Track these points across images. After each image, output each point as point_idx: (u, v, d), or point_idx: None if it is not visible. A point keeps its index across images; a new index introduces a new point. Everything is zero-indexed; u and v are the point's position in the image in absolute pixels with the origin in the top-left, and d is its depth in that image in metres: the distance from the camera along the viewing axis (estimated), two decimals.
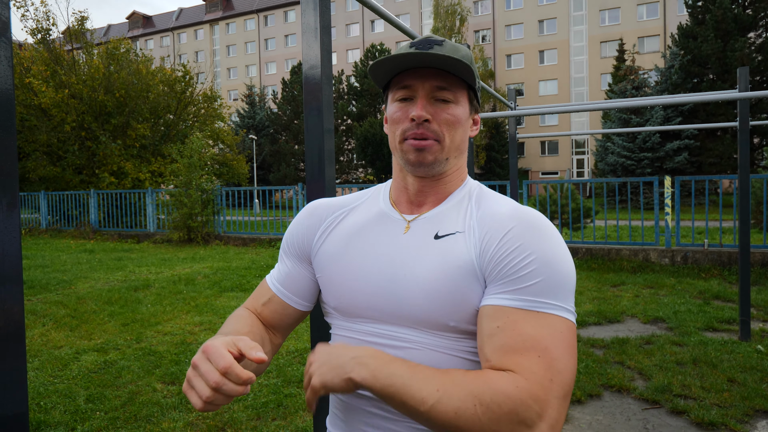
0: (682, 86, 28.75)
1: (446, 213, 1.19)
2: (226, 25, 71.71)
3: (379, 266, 1.17)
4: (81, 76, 22.03)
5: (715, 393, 4.17)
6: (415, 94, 1.16)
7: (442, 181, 1.22)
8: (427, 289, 1.09)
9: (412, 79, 1.16)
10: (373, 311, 1.16)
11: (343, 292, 1.21)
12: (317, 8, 1.84)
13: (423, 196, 1.22)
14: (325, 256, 1.25)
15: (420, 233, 1.17)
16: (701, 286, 8.08)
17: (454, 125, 1.17)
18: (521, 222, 1.08)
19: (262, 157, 46.15)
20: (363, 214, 1.27)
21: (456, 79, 1.17)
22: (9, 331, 0.87)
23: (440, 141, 1.16)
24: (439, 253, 1.12)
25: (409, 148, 1.15)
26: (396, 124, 1.19)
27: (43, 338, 6.06)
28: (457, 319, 1.08)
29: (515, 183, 6.60)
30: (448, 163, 1.20)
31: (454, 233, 1.14)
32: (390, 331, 1.14)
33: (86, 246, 15.44)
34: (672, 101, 4.39)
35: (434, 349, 1.10)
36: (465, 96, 1.20)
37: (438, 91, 1.15)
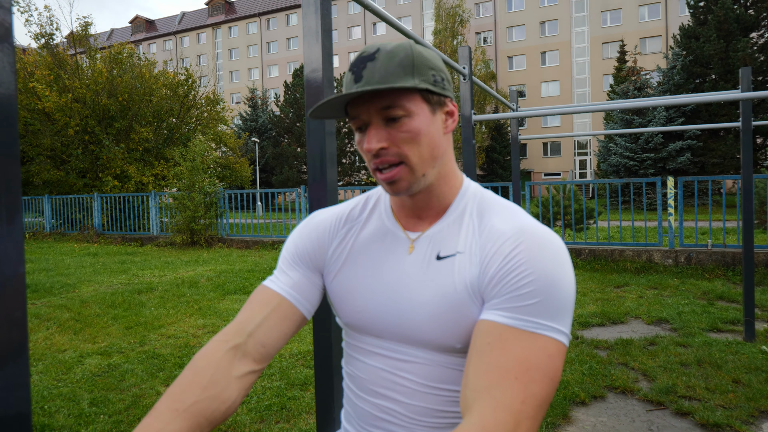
0: (684, 87, 28.73)
1: (446, 230, 1.15)
2: (229, 28, 71.88)
3: (383, 288, 1.16)
4: (84, 81, 22.09)
5: (720, 394, 4.16)
6: (366, 121, 1.10)
7: (433, 193, 1.16)
8: (430, 313, 1.09)
9: (358, 108, 1.10)
10: (378, 330, 1.17)
11: (351, 310, 1.21)
12: (318, 11, 1.85)
13: (420, 210, 1.19)
14: (338, 278, 1.23)
15: (422, 253, 1.15)
16: (705, 287, 8.06)
17: (416, 139, 1.08)
18: (525, 240, 1.03)
19: (265, 159, 46.20)
20: (369, 232, 1.24)
21: (399, 93, 1.08)
22: (12, 335, 0.87)
23: (406, 162, 1.09)
24: (440, 276, 1.10)
25: (382, 181, 1.12)
26: (364, 155, 1.13)
27: (47, 342, 6.06)
28: (462, 341, 1.07)
29: (517, 184, 6.59)
30: (427, 177, 1.12)
31: (454, 254, 1.11)
32: (398, 347, 1.15)
33: (90, 249, 15.47)
34: (674, 102, 4.39)
35: (443, 365, 1.11)
36: (418, 100, 1.09)
37: (384, 111, 1.08)
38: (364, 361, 1.21)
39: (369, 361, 1.20)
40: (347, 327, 1.25)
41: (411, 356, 1.13)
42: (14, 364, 0.88)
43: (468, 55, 4.31)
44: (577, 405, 4.15)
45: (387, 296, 1.15)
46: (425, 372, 1.12)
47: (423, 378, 1.12)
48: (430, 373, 1.11)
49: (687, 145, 27.84)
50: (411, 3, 60.90)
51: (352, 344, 1.25)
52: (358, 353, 1.23)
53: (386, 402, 1.16)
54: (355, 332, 1.23)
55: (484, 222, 1.12)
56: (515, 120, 6.64)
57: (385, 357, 1.17)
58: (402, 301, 1.13)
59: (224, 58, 71.99)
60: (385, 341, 1.17)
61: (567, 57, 53.85)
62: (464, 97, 4.35)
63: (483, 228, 1.11)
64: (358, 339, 1.23)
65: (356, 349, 1.23)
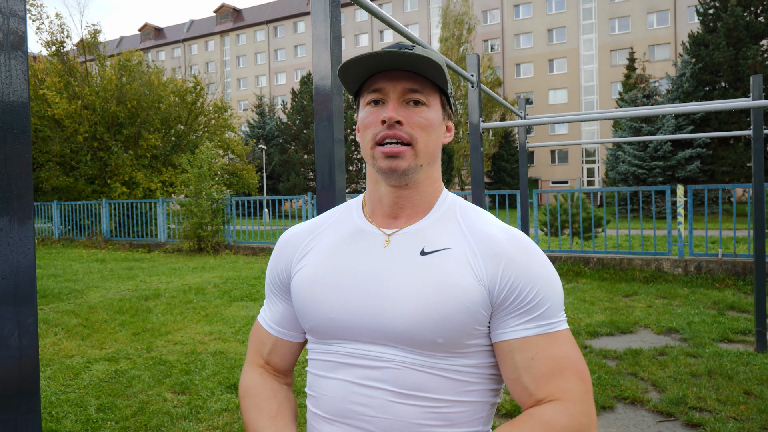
0: (693, 94, 28.63)
1: (431, 228, 1.17)
2: (237, 36, 72.27)
3: (359, 282, 1.14)
4: (94, 88, 22.26)
5: (731, 405, 4.12)
6: (387, 96, 1.13)
7: (417, 190, 1.18)
8: (415, 305, 1.07)
9: (384, 82, 1.13)
10: (350, 330, 1.13)
11: (319, 312, 1.16)
12: (328, 19, 1.85)
13: (399, 208, 1.19)
14: (301, 280, 1.21)
15: (402, 248, 1.15)
16: (715, 297, 8.01)
17: (427, 129, 1.14)
18: (519, 248, 1.12)
19: (272, 166, 46.34)
20: (337, 232, 1.24)
21: (428, 82, 1.15)
22: (23, 343, 0.87)
23: (413, 145, 1.12)
24: (427, 269, 1.10)
25: (381, 155, 1.12)
26: (367, 128, 1.15)
27: (55, 347, 6.07)
28: (447, 335, 1.07)
29: (525, 192, 6.57)
30: (422, 170, 1.16)
31: (443, 249, 1.13)
32: (367, 351, 1.12)
33: (98, 255, 15.52)
34: (684, 110, 4.36)
35: (421, 369, 1.09)
36: (438, 100, 1.18)
37: (410, 93, 1.13)
38: (332, 377, 1.15)
39: (337, 376, 1.14)
40: (312, 334, 1.21)
41: (385, 361, 1.10)
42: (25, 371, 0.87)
43: (476, 62, 4.31)
44: None
45: (362, 291, 1.13)
46: (401, 378, 1.08)
47: (399, 386, 1.08)
48: (406, 380, 1.08)
49: (696, 153, 27.74)
50: (418, 10, 61.10)
51: (319, 360, 1.19)
52: (325, 370, 1.17)
53: (359, 421, 1.10)
54: (320, 340, 1.19)
55: (470, 223, 1.17)
56: (523, 128, 6.63)
57: (356, 367, 1.12)
58: (379, 295, 1.11)
59: (232, 65, 72.35)
60: (354, 344, 1.13)
61: (575, 64, 53.85)
62: (472, 104, 4.35)
63: (472, 229, 1.15)
64: (322, 350, 1.19)
65: (323, 366, 1.18)
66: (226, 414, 4.20)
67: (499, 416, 4.17)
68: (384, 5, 61.97)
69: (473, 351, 1.11)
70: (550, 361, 1.06)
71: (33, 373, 0.88)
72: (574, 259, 10.37)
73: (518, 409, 4.16)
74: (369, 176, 1.24)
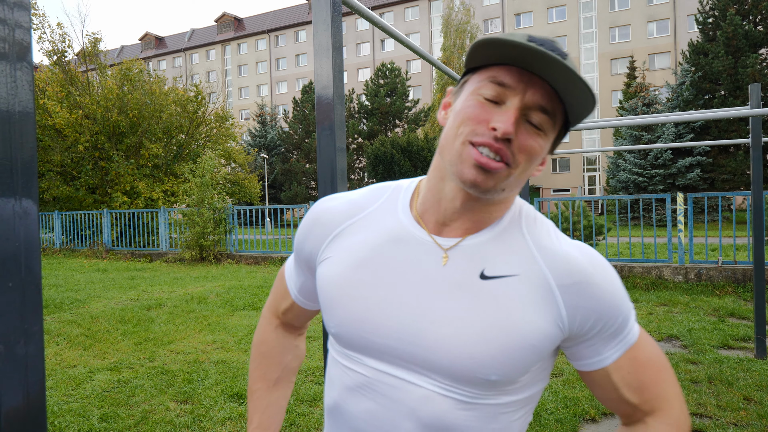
0: (693, 103, 28.67)
1: (490, 244, 0.99)
2: (238, 45, 72.47)
3: (399, 302, 0.98)
4: (95, 97, 22.28)
5: (731, 412, 4.12)
6: (509, 100, 0.92)
7: (487, 207, 1.00)
8: (473, 340, 0.93)
9: (514, 81, 0.92)
10: (383, 351, 0.99)
11: (348, 320, 1.02)
12: (329, 28, 1.87)
13: (458, 216, 1.00)
14: (329, 276, 1.06)
15: (460, 267, 0.97)
16: (715, 304, 8.01)
17: (533, 158, 0.95)
18: (600, 273, 0.97)
19: (274, 175, 46.34)
20: (378, 226, 1.06)
21: (561, 107, 0.94)
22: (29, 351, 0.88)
23: (512, 167, 0.93)
24: (488, 298, 0.95)
25: (470, 160, 0.92)
26: (467, 121, 0.94)
27: (57, 357, 6.08)
28: (504, 373, 0.94)
29: (527, 200, 6.59)
30: (504, 193, 0.97)
31: (507, 276, 0.96)
32: (398, 375, 0.98)
33: (99, 265, 15.52)
34: (683, 118, 4.39)
35: (451, 402, 0.95)
36: (556, 130, 0.97)
37: (536, 111, 0.92)
38: (353, 396, 1.03)
39: (358, 397, 1.02)
40: (336, 338, 1.07)
41: (418, 389, 0.96)
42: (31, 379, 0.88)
43: None
44: (587, 422, 4.12)
45: (407, 314, 0.97)
46: (434, 414, 0.96)
47: (428, 423, 0.96)
48: (439, 416, 0.95)
49: (696, 161, 27.74)
50: (419, 19, 61.27)
51: (340, 365, 1.08)
52: (346, 383, 1.05)
53: None
54: (343, 346, 1.06)
55: (539, 241, 1.00)
56: None
57: (381, 391, 0.99)
58: (428, 322, 0.95)
59: (233, 74, 72.52)
60: (383, 364, 1.00)
61: None
62: None
63: (543, 249, 0.99)
64: (346, 355, 1.06)
65: (344, 375, 1.06)
66: (229, 423, 4.21)
67: None
68: (385, 14, 62.16)
69: (521, 386, 0.99)
70: (642, 369, 1.01)
71: (39, 381, 0.89)
72: None
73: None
74: (435, 168, 1.03)
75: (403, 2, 61.93)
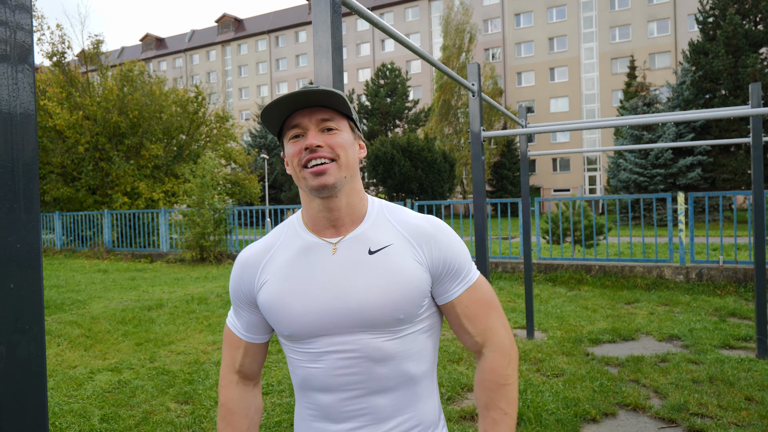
0: (693, 102, 28.65)
1: (369, 231, 1.39)
2: (238, 45, 72.46)
3: (322, 287, 1.35)
4: (95, 98, 22.30)
5: (732, 412, 4.12)
6: (305, 129, 1.34)
7: (347, 200, 1.38)
8: (380, 293, 1.32)
9: (300, 118, 1.34)
10: (326, 328, 1.34)
11: (293, 320, 1.36)
12: (329, 29, 1.87)
13: (336, 218, 1.38)
14: (268, 297, 1.40)
15: (350, 251, 1.37)
16: (717, 303, 8.01)
17: (344, 146, 1.35)
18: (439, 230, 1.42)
19: (274, 176, 46.38)
20: (288, 249, 1.42)
21: (336, 112, 1.36)
22: (30, 351, 0.88)
23: (336, 160, 1.33)
24: (379, 264, 1.35)
25: (310, 175, 1.31)
26: (293, 158, 1.35)
27: (58, 358, 6.08)
28: (406, 311, 1.34)
29: (527, 200, 6.59)
30: (347, 182, 1.36)
31: (385, 247, 1.37)
32: (344, 340, 1.34)
33: (100, 266, 15.53)
34: (684, 118, 4.39)
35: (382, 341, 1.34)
36: (347, 125, 1.39)
37: (324, 122, 1.34)
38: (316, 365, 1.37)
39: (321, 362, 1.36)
40: (291, 339, 1.40)
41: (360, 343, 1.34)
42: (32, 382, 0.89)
43: (477, 71, 4.33)
44: (588, 422, 4.12)
45: (326, 294, 1.34)
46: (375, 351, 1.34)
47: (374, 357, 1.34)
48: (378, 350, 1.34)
49: (697, 160, 27.72)
50: (419, 20, 61.26)
51: (299, 353, 1.40)
52: (308, 360, 1.38)
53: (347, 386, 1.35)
54: (299, 341, 1.39)
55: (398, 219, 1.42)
56: (524, 136, 6.66)
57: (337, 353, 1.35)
58: (343, 294, 1.33)
59: (234, 75, 72.52)
60: (334, 338, 1.35)
61: (576, 73, 53.93)
62: (473, 113, 4.37)
63: (402, 224, 1.41)
64: (302, 350, 1.39)
65: (305, 357, 1.39)
66: None
67: None
68: (385, 15, 62.16)
69: (422, 318, 1.40)
70: (476, 304, 1.43)
71: (40, 381, 0.89)
72: (575, 266, 10.37)
73: (521, 415, 4.16)
74: (303, 198, 1.43)
75: (402, 2, 61.91)
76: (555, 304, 8.31)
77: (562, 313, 7.70)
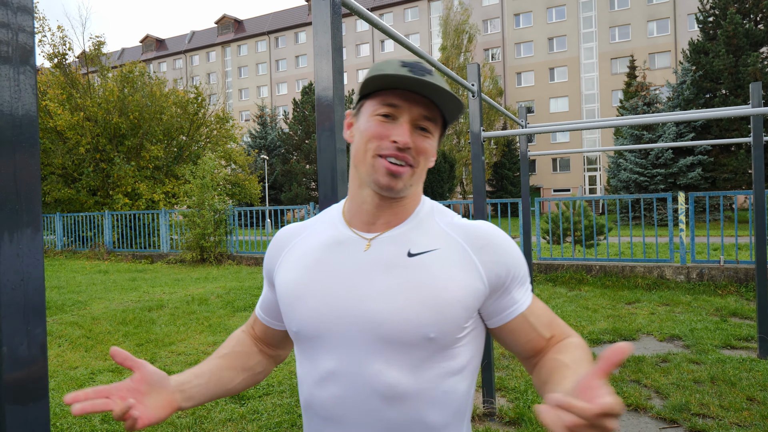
0: (694, 102, 28.64)
1: (413, 231, 1.21)
2: (238, 46, 72.49)
3: (341, 285, 1.17)
4: (96, 99, 22.32)
5: (734, 412, 4.12)
6: (400, 116, 1.15)
7: (401, 203, 1.22)
8: (409, 303, 1.11)
9: (401, 101, 1.15)
10: (335, 336, 1.15)
11: (303, 314, 1.19)
12: (329, 30, 1.87)
13: (378, 215, 1.21)
14: (284, 283, 1.25)
15: (386, 251, 1.18)
16: (718, 303, 8.00)
17: (428, 156, 1.19)
18: (499, 235, 1.22)
19: (274, 177, 46.37)
20: (317, 238, 1.27)
21: (438, 112, 1.19)
22: (32, 352, 0.88)
23: (414, 167, 1.17)
24: (417, 268, 1.15)
25: (383, 170, 1.14)
26: (372, 139, 1.16)
27: (59, 359, 6.08)
28: (439, 329, 1.11)
29: (527, 200, 6.58)
30: (412, 188, 1.20)
31: (430, 251, 1.17)
32: (353, 356, 1.13)
33: (101, 267, 15.54)
34: (684, 117, 4.38)
35: (400, 374, 1.11)
36: (439, 130, 1.22)
37: (422, 120, 1.16)
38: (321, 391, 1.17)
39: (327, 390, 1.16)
40: (299, 337, 1.22)
41: (372, 372, 1.12)
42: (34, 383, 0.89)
43: (477, 72, 4.33)
44: None
45: (344, 292, 1.16)
46: (389, 388, 1.11)
47: (386, 395, 1.11)
48: (393, 388, 1.11)
49: (698, 160, 27.71)
50: (419, 20, 61.29)
51: (307, 370, 1.22)
52: (315, 384, 1.19)
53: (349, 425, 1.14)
54: (307, 342, 1.20)
55: (450, 222, 1.24)
56: (524, 136, 6.65)
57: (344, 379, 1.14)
58: (362, 295, 1.14)
59: (233, 76, 72.54)
60: (342, 353, 1.14)
61: (576, 73, 53.93)
62: (473, 113, 4.37)
63: (454, 227, 1.22)
64: (309, 356, 1.20)
65: (312, 379, 1.19)
66: (230, 424, 4.21)
67: (503, 423, 4.17)
68: (384, 15, 62.19)
69: (458, 347, 1.16)
70: (545, 309, 1.26)
71: (42, 382, 0.89)
72: (576, 266, 10.37)
73: (522, 416, 4.16)
74: (353, 180, 1.25)
75: (402, 3, 61.95)
76: (555, 305, 8.31)
77: (562, 314, 7.69)
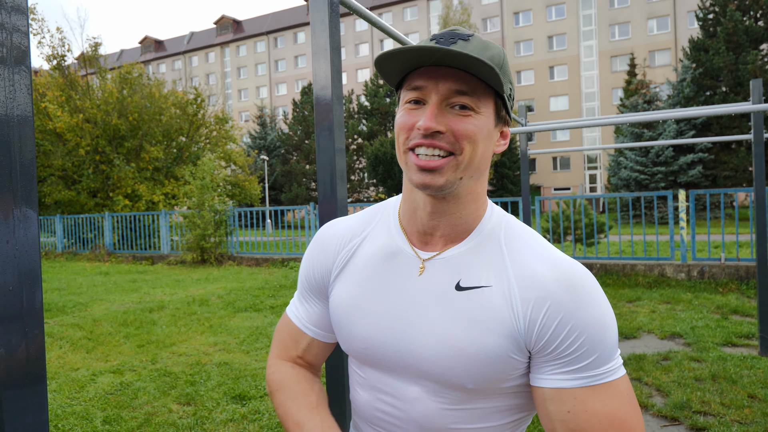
0: (694, 99, 28.63)
1: (468, 256, 1.02)
2: (237, 47, 72.48)
3: (391, 315, 1.05)
4: (95, 101, 22.34)
5: (735, 409, 4.11)
6: (428, 98, 0.96)
7: (457, 205, 1.02)
8: (444, 348, 0.98)
9: (425, 80, 0.96)
10: (381, 362, 1.07)
11: (353, 338, 1.10)
12: (327, 29, 1.86)
13: (435, 224, 1.04)
14: (338, 298, 1.13)
15: (437, 278, 1.02)
16: (719, 301, 7.99)
17: (474, 138, 0.96)
18: (569, 290, 0.95)
19: (274, 177, 46.36)
20: (374, 246, 1.11)
21: (480, 83, 0.96)
22: (30, 354, 0.88)
23: (456, 155, 0.96)
24: (463, 308, 0.98)
25: (413, 166, 0.97)
26: (400, 131, 1.00)
27: (60, 361, 6.08)
28: (477, 382, 0.98)
29: (527, 199, 6.58)
30: (463, 184, 0.99)
31: (481, 287, 0.99)
32: (397, 385, 1.06)
33: (101, 268, 15.54)
34: (685, 114, 4.38)
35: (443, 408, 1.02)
36: (491, 104, 0.98)
37: (456, 96, 0.95)
38: (365, 395, 1.13)
39: (370, 396, 1.12)
40: (349, 354, 1.15)
41: (413, 399, 1.04)
42: (33, 384, 0.88)
43: None
44: None
45: (392, 324, 1.04)
46: (429, 419, 1.03)
47: (426, 426, 1.04)
48: (434, 419, 1.03)
49: (698, 158, 27.71)
50: (418, 19, 61.25)
51: (356, 372, 1.17)
52: (360, 385, 1.15)
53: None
54: (357, 361, 1.14)
55: (516, 257, 1.01)
56: (524, 135, 6.64)
57: (387, 396, 1.08)
58: (411, 331, 1.02)
59: (233, 76, 72.53)
60: (384, 375, 1.08)
61: (575, 71, 53.90)
62: None
63: (516, 263, 1.00)
64: (361, 372, 1.14)
65: (360, 380, 1.15)
66: (231, 424, 4.20)
67: None
68: (384, 14, 62.17)
69: (514, 392, 1.02)
70: (590, 416, 0.92)
71: (41, 384, 0.89)
72: None
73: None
74: (405, 181, 1.09)
75: (401, 2, 61.92)
76: None
77: None
